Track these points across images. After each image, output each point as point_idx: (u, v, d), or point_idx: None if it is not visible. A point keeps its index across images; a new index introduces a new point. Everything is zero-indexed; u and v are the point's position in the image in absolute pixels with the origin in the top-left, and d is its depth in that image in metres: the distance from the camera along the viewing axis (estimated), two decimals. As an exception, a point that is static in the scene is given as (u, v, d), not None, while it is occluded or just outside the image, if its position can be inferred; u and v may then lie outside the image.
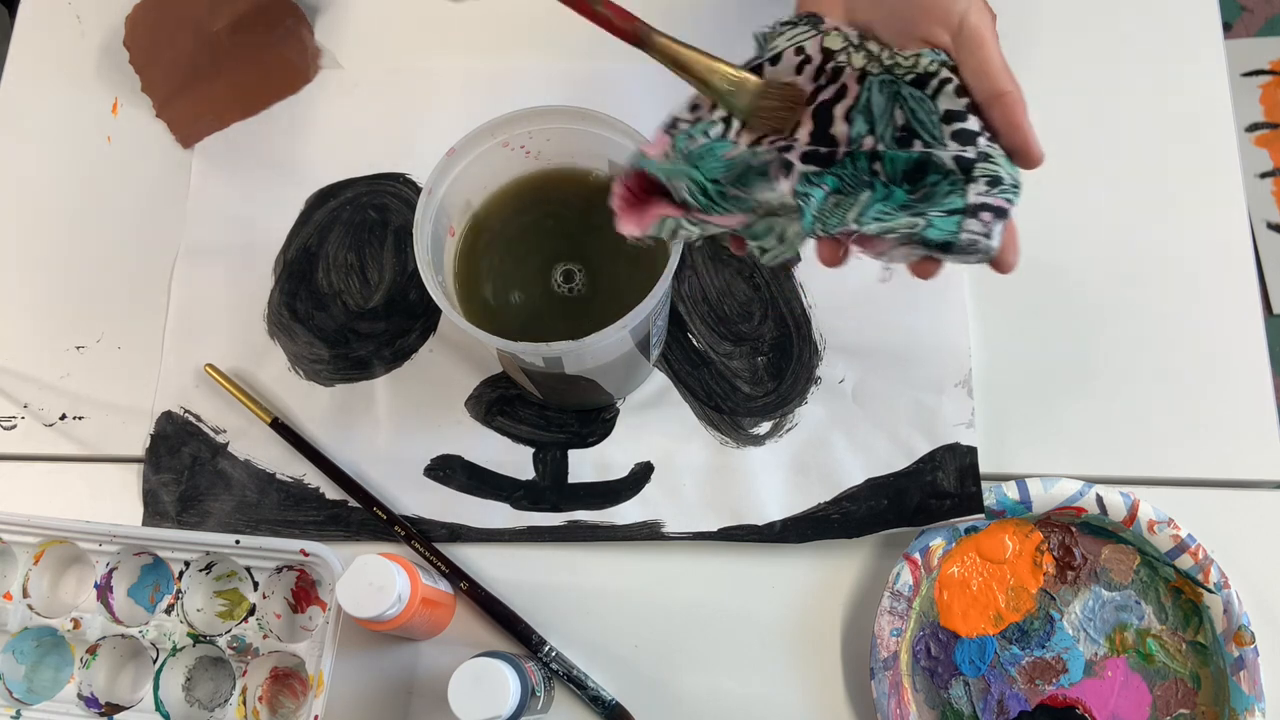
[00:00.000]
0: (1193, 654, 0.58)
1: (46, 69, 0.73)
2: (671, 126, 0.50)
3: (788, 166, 0.46)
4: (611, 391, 0.62)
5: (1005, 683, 0.58)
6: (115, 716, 0.58)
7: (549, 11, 0.71)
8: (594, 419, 0.63)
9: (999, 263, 0.47)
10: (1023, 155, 0.46)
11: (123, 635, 0.59)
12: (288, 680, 0.61)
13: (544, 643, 0.59)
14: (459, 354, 0.65)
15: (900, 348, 0.63)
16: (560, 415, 0.63)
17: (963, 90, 0.46)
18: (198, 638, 0.59)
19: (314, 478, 0.63)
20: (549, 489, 0.62)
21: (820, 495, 0.61)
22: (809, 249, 0.49)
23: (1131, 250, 0.66)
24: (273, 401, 0.64)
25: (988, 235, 0.44)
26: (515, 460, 0.63)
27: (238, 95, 0.70)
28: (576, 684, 0.58)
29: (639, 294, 0.50)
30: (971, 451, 0.60)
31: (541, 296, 0.56)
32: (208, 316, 0.66)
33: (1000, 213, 0.45)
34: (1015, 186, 0.45)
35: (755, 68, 0.49)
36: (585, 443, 0.63)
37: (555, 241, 0.57)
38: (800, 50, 0.48)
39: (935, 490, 0.60)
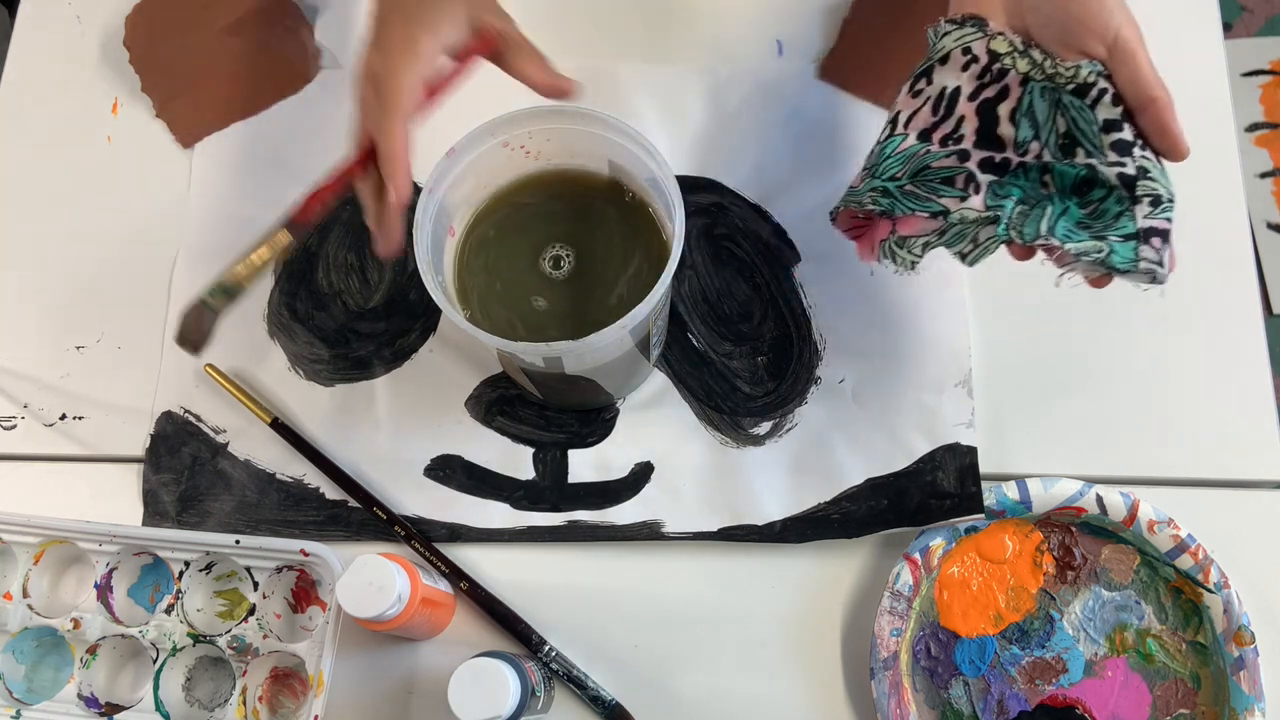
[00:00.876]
0: (1193, 654, 0.58)
1: (46, 69, 0.73)
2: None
3: (972, 178, 0.51)
4: (611, 392, 0.62)
5: (1005, 683, 0.58)
6: (115, 716, 0.58)
7: (547, 11, 0.71)
8: (594, 419, 0.63)
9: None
10: (1172, 153, 0.51)
11: (123, 635, 0.59)
12: (288, 680, 0.61)
13: (544, 642, 0.59)
14: (459, 354, 0.65)
15: (900, 348, 0.63)
16: (560, 415, 0.63)
17: (1117, 99, 0.50)
18: (198, 638, 0.59)
19: (314, 478, 0.63)
20: (549, 489, 0.62)
21: (820, 495, 0.61)
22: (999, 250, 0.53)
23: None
24: (273, 401, 0.64)
25: (1161, 264, 0.49)
26: (515, 460, 0.63)
27: (238, 95, 0.70)
28: (576, 684, 0.58)
29: (640, 293, 0.50)
30: (971, 451, 0.60)
31: (542, 296, 0.56)
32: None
33: (1165, 236, 0.50)
34: (1171, 201, 0.50)
35: (925, 72, 0.53)
36: (585, 443, 0.63)
37: (556, 242, 0.57)
38: (967, 50, 0.52)
39: (935, 490, 0.60)
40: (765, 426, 0.63)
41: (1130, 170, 0.50)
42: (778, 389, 0.63)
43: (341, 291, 0.66)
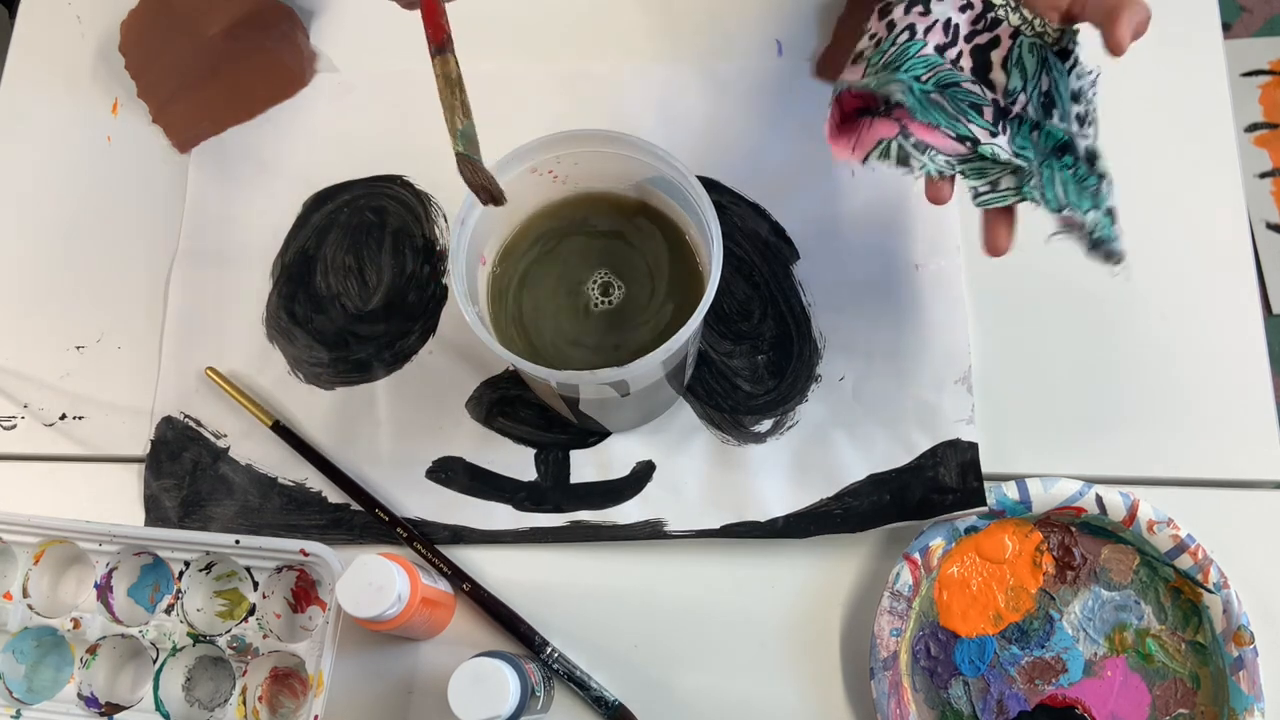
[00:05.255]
0: (1192, 654, 0.58)
1: (46, 69, 0.73)
2: (858, 58, 0.54)
3: (999, 116, 0.51)
4: (643, 416, 0.62)
5: (1005, 682, 0.58)
6: (115, 716, 0.58)
7: (543, 13, 0.71)
8: (594, 419, 0.63)
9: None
10: (1114, 44, 0.48)
11: (123, 635, 0.59)
12: (288, 680, 0.61)
13: (546, 643, 0.59)
14: (459, 355, 0.65)
15: (900, 345, 0.63)
16: (561, 415, 0.63)
17: (1078, 75, 0.52)
18: (198, 638, 0.59)
19: (316, 481, 0.63)
20: (551, 489, 0.62)
21: (822, 491, 0.61)
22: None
23: (1131, 250, 0.65)
24: (273, 406, 0.64)
25: (1119, 240, 0.50)
26: (517, 461, 0.63)
27: (234, 100, 0.70)
28: (579, 685, 0.58)
29: (674, 315, 0.50)
30: (972, 447, 0.60)
31: (578, 317, 0.56)
32: (206, 321, 0.66)
33: (1115, 216, 0.51)
34: (1112, 184, 0.52)
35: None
36: (586, 442, 0.63)
37: (587, 263, 0.57)
38: None
39: (937, 485, 0.60)
40: (766, 424, 0.63)
41: (1090, 145, 0.52)
42: (778, 387, 0.63)
43: (340, 294, 0.66)
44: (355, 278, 0.66)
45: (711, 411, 0.63)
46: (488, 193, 0.49)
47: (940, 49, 0.52)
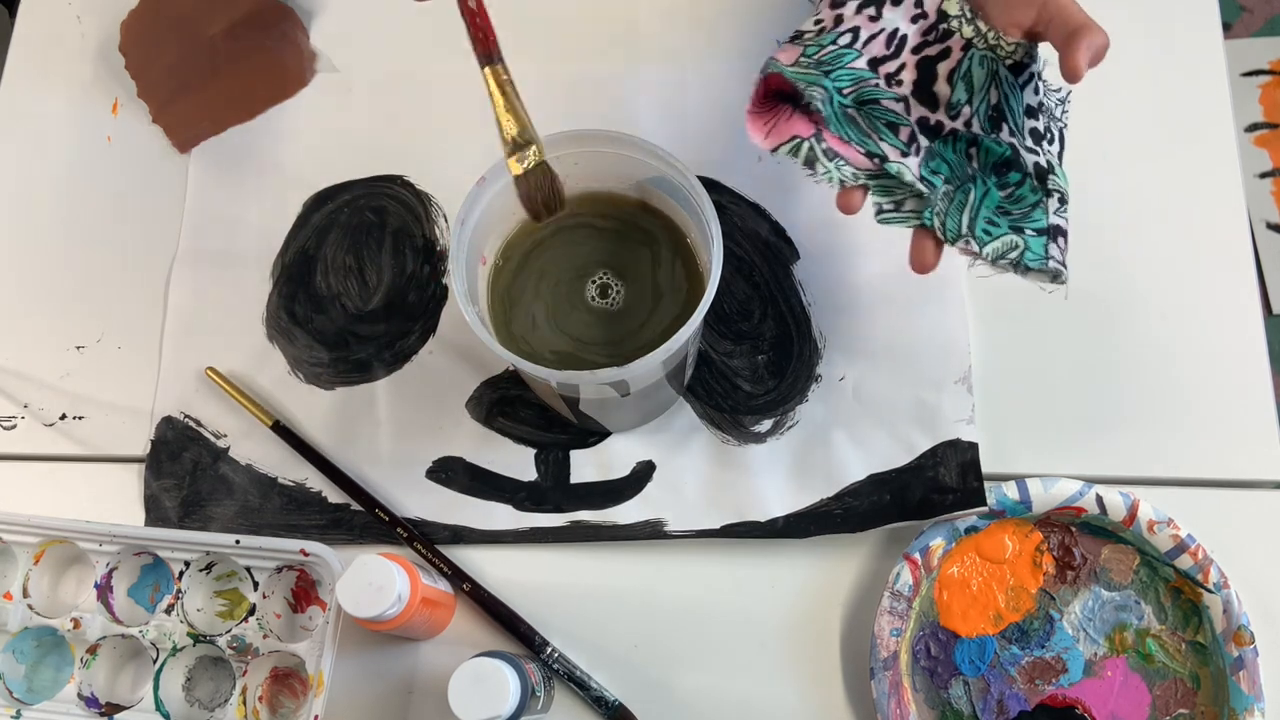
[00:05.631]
0: (1192, 654, 0.58)
1: (47, 69, 0.73)
2: (797, 37, 0.54)
3: (915, 137, 0.51)
4: (642, 417, 0.62)
5: (1005, 682, 0.58)
6: (115, 716, 0.58)
7: (542, 14, 0.71)
8: (594, 419, 0.63)
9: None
10: (1070, 71, 0.49)
11: (123, 635, 0.59)
12: (288, 680, 0.61)
13: (546, 644, 0.59)
14: (459, 355, 0.65)
15: (900, 345, 0.63)
16: (561, 415, 0.63)
17: (1037, 90, 0.52)
18: (198, 638, 0.59)
19: (316, 481, 0.63)
20: (551, 489, 0.62)
21: (822, 491, 0.61)
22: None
23: (1131, 250, 0.66)
24: (273, 406, 0.64)
25: (1064, 265, 0.49)
26: (517, 461, 0.63)
27: (234, 100, 0.70)
28: (579, 685, 0.58)
29: (675, 316, 0.49)
30: (973, 447, 0.60)
31: (578, 317, 0.56)
32: (206, 321, 0.66)
33: (1067, 236, 0.50)
34: (1067, 202, 0.51)
35: (878, 1, 0.53)
36: (586, 442, 0.63)
37: (587, 262, 0.57)
38: (919, 4, 0.53)
39: (937, 485, 0.60)
40: (767, 424, 0.63)
41: (1042, 162, 0.51)
42: (778, 387, 0.63)
43: (340, 294, 0.66)
44: (355, 278, 0.66)
45: (711, 411, 0.63)
46: (547, 209, 0.50)
47: (876, 62, 0.53)
